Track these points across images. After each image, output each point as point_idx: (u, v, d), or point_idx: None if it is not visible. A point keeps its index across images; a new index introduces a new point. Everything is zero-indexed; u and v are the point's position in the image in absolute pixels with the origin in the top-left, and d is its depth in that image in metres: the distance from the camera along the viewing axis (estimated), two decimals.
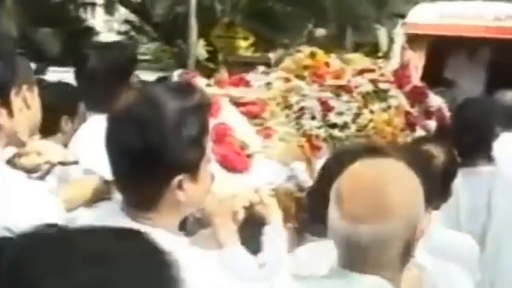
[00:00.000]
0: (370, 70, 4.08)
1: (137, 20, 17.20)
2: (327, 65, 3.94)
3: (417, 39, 6.28)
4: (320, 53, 4.00)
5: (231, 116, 2.79)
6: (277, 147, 2.97)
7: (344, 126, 3.52)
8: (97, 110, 2.99)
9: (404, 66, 4.62)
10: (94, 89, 3.08)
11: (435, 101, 4.60)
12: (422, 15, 6.63)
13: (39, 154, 2.61)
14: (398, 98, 4.10)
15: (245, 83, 3.26)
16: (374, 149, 2.51)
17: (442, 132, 4.34)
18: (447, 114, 4.52)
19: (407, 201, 1.71)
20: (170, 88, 1.93)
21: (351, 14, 15.31)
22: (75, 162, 2.77)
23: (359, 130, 3.62)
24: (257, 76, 3.51)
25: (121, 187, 1.90)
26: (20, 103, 2.33)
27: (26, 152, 2.57)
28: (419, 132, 4.30)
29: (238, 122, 2.81)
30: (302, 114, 3.33)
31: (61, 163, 2.68)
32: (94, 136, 2.79)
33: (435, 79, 5.50)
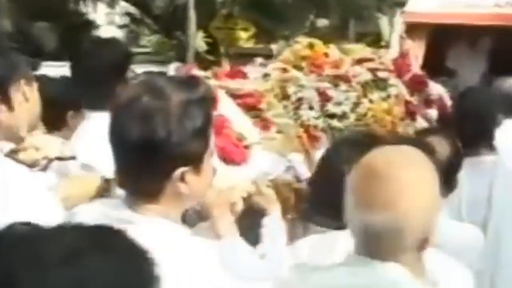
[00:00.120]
0: (369, 60, 4.08)
1: (137, 12, 17.18)
2: (326, 55, 3.94)
3: (416, 28, 6.23)
4: (318, 43, 4.00)
5: (228, 108, 2.79)
6: (275, 139, 2.96)
7: (343, 116, 3.52)
8: (93, 107, 2.98)
9: (403, 55, 4.60)
10: (90, 86, 3.07)
11: (436, 89, 4.59)
12: (421, 4, 6.57)
13: (37, 149, 2.61)
14: (397, 87, 4.09)
15: (242, 75, 3.26)
16: (374, 138, 2.50)
17: (443, 121, 4.33)
18: (448, 103, 4.51)
19: (424, 188, 1.71)
20: (175, 80, 1.93)
21: (353, 4, 15.28)
22: (73, 158, 2.77)
23: (358, 120, 3.61)
24: (254, 68, 3.51)
25: (123, 179, 1.89)
26: (19, 98, 2.33)
27: (24, 147, 2.57)
28: (420, 121, 4.30)
29: (235, 114, 2.81)
30: (300, 105, 3.33)
31: (58, 158, 2.68)
32: (93, 133, 2.80)
33: (436, 69, 5.48)
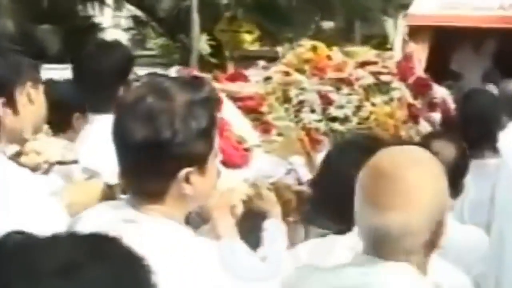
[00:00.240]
0: (372, 63, 4.07)
1: (143, 15, 17.19)
2: (329, 58, 3.93)
3: (419, 31, 6.19)
4: (321, 46, 3.99)
5: (228, 110, 2.79)
6: (275, 141, 2.96)
7: (345, 119, 3.51)
8: (96, 110, 2.98)
9: (407, 58, 4.59)
10: (92, 89, 3.07)
11: (440, 92, 4.58)
12: (424, 6, 6.53)
13: (38, 153, 2.61)
14: (400, 90, 4.08)
15: (243, 78, 3.26)
16: (376, 140, 2.50)
17: (447, 124, 4.32)
18: (452, 106, 4.50)
19: (431, 189, 1.71)
20: (179, 81, 1.94)
21: (358, 6, 15.26)
22: (75, 162, 2.77)
23: (361, 123, 3.61)
24: (257, 71, 3.51)
25: (128, 180, 1.90)
26: (24, 100, 2.33)
27: (25, 151, 2.57)
28: (423, 124, 4.29)
29: (235, 116, 2.81)
30: (301, 108, 3.32)
31: (60, 163, 2.68)
32: (96, 136, 2.80)
33: (441, 72, 5.46)
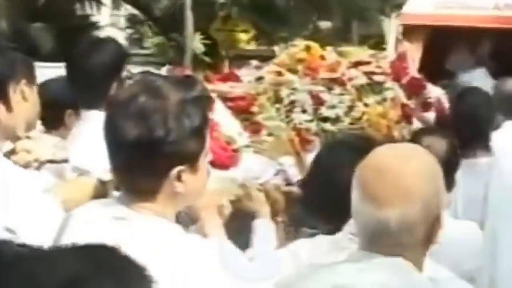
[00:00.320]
0: (366, 63, 4.06)
1: (139, 14, 17.18)
2: (322, 58, 3.92)
3: (413, 30, 6.17)
4: (315, 46, 3.98)
5: (218, 111, 2.79)
6: (265, 142, 2.96)
7: (337, 120, 3.50)
8: (89, 106, 2.98)
9: (401, 58, 4.58)
10: (85, 85, 3.07)
11: (434, 92, 4.57)
12: (418, 5, 6.51)
13: (28, 151, 2.61)
14: (394, 90, 4.07)
15: (235, 78, 3.25)
16: (367, 140, 2.50)
17: (441, 124, 4.32)
18: (447, 106, 4.49)
19: (428, 184, 1.72)
20: (172, 79, 1.95)
21: (354, 6, 15.25)
22: (65, 160, 2.76)
23: (353, 123, 3.60)
24: (249, 71, 3.50)
25: (119, 178, 1.91)
26: (18, 97, 2.35)
27: (15, 150, 2.57)
28: (416, 124, 4.28)
29: (224, 117, 2.81)
30: (293, 108, 3.32)
31: (50, 161, 2.68)
32: (88, 134, 2.80)
33: (435, 71, 5.45)
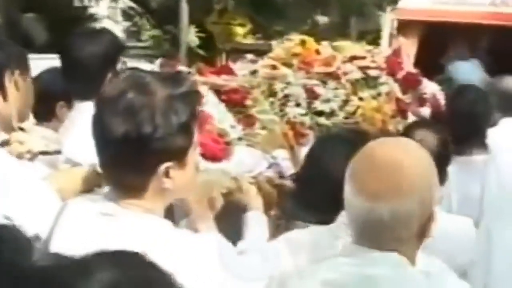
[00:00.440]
0: (361, 57, 4.06)
1: (137, 6, 17.10)
2: (318, 52, 3.92)
3: (409, 25, 6.17)
4: (310, 40, 3.98)
5: (210, 103, 2.79)
6: (259, 135, 2.96)
7: (331, 114, 3.51)
8: (82, 97, 2.98)
9: (396, 53, 4.58)
10: (80, 77, 3.07)
11: (429, 87, 4.57)
12: (414, 0, 6.49)
13: (21, 143, 2.61)
14: (389, 85, 4.07)
15: (229, 72, 3.24)
16: (360, 134, 2.50)
17: (436, 119, 4.32)
18: (442, 101, 4.49)
19: (422, 178, 1.72)
20: (160, 75, 1.94)
21: (353, 2, 15.23)
22: (58, 152, 2.76)
23: (347, 117, 3.60)
24: (243, 64, 3.50)
25: (108, 173, 1.91)
26: (11, 87, 2.36)
27: (8, 141, 2.57)
28: (412, 119, 4.28)
29: (217, 109, 2.80)
30: (287, 102, 3.32)
31: (43, 153, 2.67)
32: (80, 125, 2.80)
33: (431, 67, 5.45)
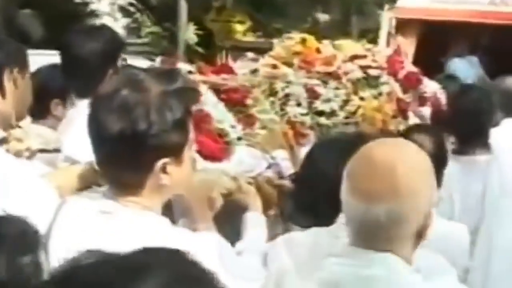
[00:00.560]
0: (362, 56, 4.04)
1: (136, 2, 17.05)
2: (318, 51, 3.90)
3: (408, 24, 6.14)
4: (311, 39, 3.96)
5: (209, 103, 2.77)
6: (258, 135, 2.94)
7: (331, 113, 3.49)
8: (84, 95, 2.97)
9: (397, 52, 4.57)
10: (80, 74, 3.06)
11: (430, 87, 4.56)
12: None
13: (20, 140, 2.60)
14: (390, 84, 4.06)
15: (229, 71, 3.23)
16: (361, 137, 2.48)
17: (437, 119, 4.31)
18: (443, 100, 4.48)
19: (419, 180, 1.72)
20: (154, 72, 1.96)
21: (353, 0, 15.17)
22: (57, 150, 2.75)
23: (348, 117, 3.58)
24: (244, 63, 3.48)
25: (105, 171, 1.92)
26: (10, 85, 2.35)
27: (6, 139, 2.56)
28: (413, 119, 4.27)
29: (216, 109, 2.79)
30: (287, 101, 3.30)
31: (42, 150, 2.67)
32: (80, 123, 2.78)
33: (431, 65, 5.44)
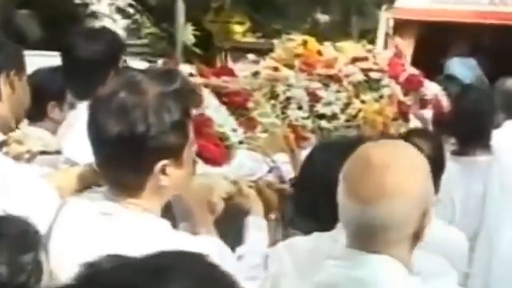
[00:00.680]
0: (363, 59, 4.03)
1: (136, 4, 17.04)
2: (320, 53, 3.89)
3: (406, 25, 6.11)
4: (312, 41, 3.95)
5: (212, 107, 2.76)
6: (260, 139, 2.93)
7: (333, 117, 3.47)
8: (85, 97, 2.96)
9: (398, 54, 4.56)
10: (81, 76, 3.05)
11: (431, 89, 4.55)
12: (411, 0, 6.43)
13: (20, 143, 2.59)
14: (391, 87, 4.05)
15: (230, 73, 3.21)
16: (361, 141, 2.47)
17: (439, 121, 4.30)
18: (444, 102, 4.47)
19: (416, 182, 1.71)
20: (151, 74, 1.96)
21: (353, 1, 15.15)
22: (58, 152, 2.74)
23: (349, 120, 3.57)
24: (245, 65, 3.47)
25: (105, 173, 1.91)
26: (7, 87, 2.33)
27: (7, 141, 2.55)
28: (414, 121, 4.26)
29: (218, 112, 2.78)
30: (288, 104, 3.29)
31: (42, 152, 2.66)
32: (80, 125, 2.77)
33: (431, 67, 5.43)
